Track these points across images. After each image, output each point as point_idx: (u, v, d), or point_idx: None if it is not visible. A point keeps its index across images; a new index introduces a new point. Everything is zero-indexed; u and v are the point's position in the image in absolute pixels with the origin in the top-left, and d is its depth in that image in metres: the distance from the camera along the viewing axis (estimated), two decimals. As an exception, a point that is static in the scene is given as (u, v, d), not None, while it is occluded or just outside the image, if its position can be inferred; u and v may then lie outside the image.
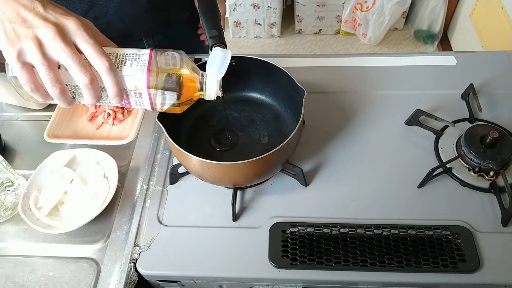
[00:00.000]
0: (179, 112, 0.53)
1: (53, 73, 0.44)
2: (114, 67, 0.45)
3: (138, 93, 0.49)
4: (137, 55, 0.48)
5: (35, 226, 0.64)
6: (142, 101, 0.50)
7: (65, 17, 0.44)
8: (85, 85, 0.45)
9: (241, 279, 0.62)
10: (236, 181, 0.66)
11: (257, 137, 0.74)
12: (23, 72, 0.44)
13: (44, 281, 0.63)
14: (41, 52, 0.42)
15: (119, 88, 0.46)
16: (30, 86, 0.45)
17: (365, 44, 2.33)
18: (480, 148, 0.67)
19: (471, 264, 0.59)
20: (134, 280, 0.62)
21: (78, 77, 0.44)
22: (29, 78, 0.44)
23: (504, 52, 0.90)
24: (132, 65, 0.47)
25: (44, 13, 0.43)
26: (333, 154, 0.74)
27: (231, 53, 0.52)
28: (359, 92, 0.84)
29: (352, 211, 0.67)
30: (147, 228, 0.66)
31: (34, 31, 0.42)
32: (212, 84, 0.52)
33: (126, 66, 0.47)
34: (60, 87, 0.45)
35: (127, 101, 0.50)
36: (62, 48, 0.42)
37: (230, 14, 2.28)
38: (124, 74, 0.47)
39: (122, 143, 0.76)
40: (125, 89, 0.48)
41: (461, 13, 2.06)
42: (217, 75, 0.51)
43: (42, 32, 0.42)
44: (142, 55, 0.48)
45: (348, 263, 0.60)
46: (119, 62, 0.47)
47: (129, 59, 0.48)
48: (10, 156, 0.80)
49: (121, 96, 0.47)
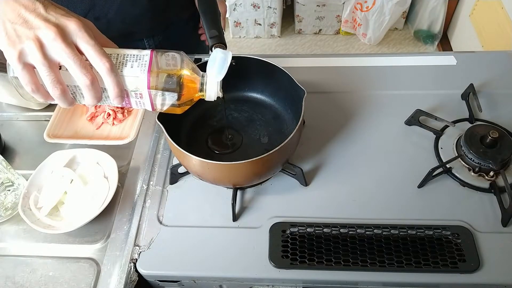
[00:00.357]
0: (180, 112, 0.53)
1: (54, 74, 0.44)
2: (115, 68, 0.46)
3: (139, 94, 0.49)
4: (138, 56, 0.48)
5: (35, 226, 0.64)
6: (142, 101, 0.50)
7: (66, 18, 0.44)
8: (86, 86, 0.45)
9: (241, 279, 0.62)
10: (236, 181, 0.66)
11: (257, 137, 0.74)
12: (24, 73, 0.44)
13: (44, 281, 0.63)
14: (42, 53, 0.42)
15: (120, 89, 0.46)
16: (31, 86, 0.45)
17: (365, 44, 2.33)
18: (480, 148, 0.67)
19: (471, 264, 0.59)
20: (134, 280, 0.62)
21: (79, 78, 0.44)
22: (30, 79, 0.44)
23: (504, 52, 0.90)
24: (133, 66, 0.47)
25: (45, 14, 0.43)
26: (333, 154, 0.74)
27: (231, 54, 0.52)
28: (359, 92, 0.84)
29: (352, 211, 0.67)
30: (147, 228, 0.66)
31: (35, 32, 0.42)
32: (213, 85, 0.52)
33: (127, 67, 0.47)
34: (61, 88, 0.45)
35: (128, 101, 0.50)
36: (63, 49, 0.43)
37: (230, 14, 2.28)
38: (125, 75, 0.47)
39: (122, 143, 0.76)
40: (125, 90, 0.48)
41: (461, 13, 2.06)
42: (217, 76, 0.51)
43: (43, 33, 0.42)
44: (143, 56, 0.48)
45: (348, 263, 0.60)
46: (120, 63, 0.47)
47: (130, 60, 0.48)
48: (10, 156, 0.80)
49: (122, 97, 0.47)
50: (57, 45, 0.42)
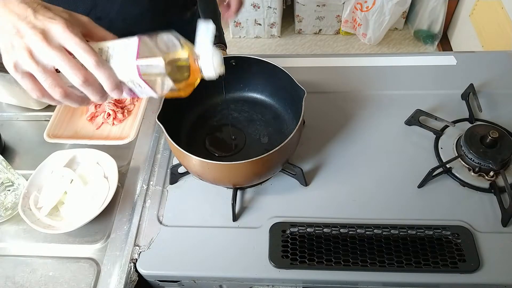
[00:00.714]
0: (184, 95, 0.51)
1: (50, 78, 0.44)
2: (103, 61, 0.45)
3: (136, 83, 0.47)
4: (125, 45, 0.46)
5: (35, 226, 0.64)
6: (143, 90, 0.48)
7: (51, 20, 0.43)
8: (80, 85, 0.45)
9: (241, 279, 0.62)
10: (236, 181, 0.66)
11: (257, 137, 0.74)
12: (24, 81, 0.44)
13: (44, 281, 0.63)
14: (33, 60, 0.43)
15: (113, 82, 0.45)
16: (35, 93, 0.45)
17: (365, 44, 2.33)
18: (480, 148, 0.67)
19: (471, 264, 0.59)
20: (134, 280, 0.62)
21: (72, 78, 0.44)
22: (32, 86, 0.45)
23: (504, 52, 0.90)
24: (121, 56, 0.46)
25: (33, 20, 0.43)
26: (333, 154, 0.74)
27: (212, 23, 0.50)
28: (359, 92, 0.84)
29: (352, 211, 0.67)
30: (147, 228, 0.66)
31: (24, 40, 0.43)
32: (207, 62, 0.49)
33: (115, 58, 0.46)
34: (61, 91, 0.45)
35: (129, 92, 0.48)
36: (49, 52, 0.43)
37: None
38: (115, 67, 0.46)
39: (122, 143, 0.76)
40: (122, 81, 0.47)
41: (461, 13, 2.06)
42: (207, 50, 0.49)
43: (30, 40, 0.43)
44: (130, 44, 0.46)
45: (348, 263, 0.60)
46: (109, 55, 0.46)
47: (118, 51, 0.46)
48: (10, 156, 0.80)
49: (118, 89, 0.46)
50: (44, 49, 0.42)
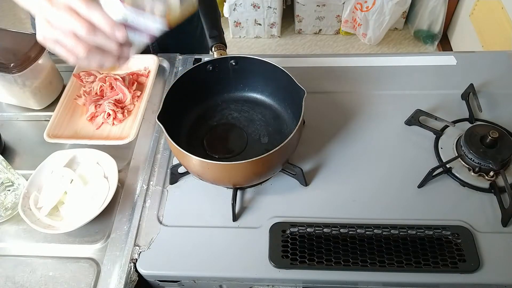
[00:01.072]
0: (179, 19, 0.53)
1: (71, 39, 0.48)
2: (94, 6, 0.47)
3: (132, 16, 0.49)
4: None
5: (35, 226, 0.64)
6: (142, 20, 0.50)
7: None
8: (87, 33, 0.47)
9: (241, 279, 0.62)
10: (236, 181, 0.66)
11: (257, 137, 0.74)
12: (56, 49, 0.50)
13: (44, 281, 0.63)
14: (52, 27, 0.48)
15: (108, 19, 0.48)
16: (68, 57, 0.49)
17: (365, 44, 2.33)
18: (480, 148, 0.67)
19: (471, 264, 0.59)
20: (134, 280, 0.62)
21: (78, 29, 0.47)
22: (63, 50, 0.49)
23: (504, 52, 0.90)
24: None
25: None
26: (333, 154, 0.74)
27: None
28: (359, 92, 0.84)
29: (352, 211, 0.67)
30: (147, 228, 0.66)
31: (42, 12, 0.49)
32: None
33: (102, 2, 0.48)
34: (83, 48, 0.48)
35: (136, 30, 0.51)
36: (57, 13, 0.47)
37: (230, 14, 2.27)
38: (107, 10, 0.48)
39: (122, 143, 0.76)
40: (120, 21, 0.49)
41: (461, 13, 2.06)
42: None
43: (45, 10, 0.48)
44: None
45: (348, 263, 0.60)
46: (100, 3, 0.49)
47: None
48: (10, 156, 0.80)
49: (118, 27, 0.49)
50: (54, 13, 0.48)
